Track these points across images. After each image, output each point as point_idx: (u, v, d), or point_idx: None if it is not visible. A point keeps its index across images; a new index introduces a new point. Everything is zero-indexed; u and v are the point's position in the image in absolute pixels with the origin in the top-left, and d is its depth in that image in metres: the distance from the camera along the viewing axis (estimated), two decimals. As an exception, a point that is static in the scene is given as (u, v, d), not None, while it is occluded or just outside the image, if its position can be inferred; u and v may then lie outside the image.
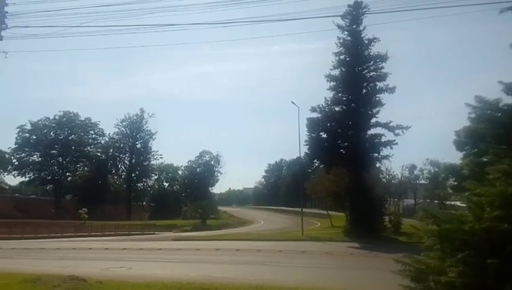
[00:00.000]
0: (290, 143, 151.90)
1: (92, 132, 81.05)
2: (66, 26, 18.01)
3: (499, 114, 4.04)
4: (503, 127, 3.99)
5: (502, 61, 71.44)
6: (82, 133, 79.40)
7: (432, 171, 59.10)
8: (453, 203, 30.21)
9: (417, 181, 63.00)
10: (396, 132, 30.45)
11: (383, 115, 31.21)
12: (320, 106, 32.09)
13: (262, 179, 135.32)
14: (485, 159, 4.43)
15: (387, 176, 52.53)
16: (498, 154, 3.98)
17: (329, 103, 32.19)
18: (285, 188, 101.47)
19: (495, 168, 3.88)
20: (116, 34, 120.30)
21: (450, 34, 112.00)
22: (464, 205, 4.39)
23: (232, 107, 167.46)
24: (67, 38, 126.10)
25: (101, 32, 42.45)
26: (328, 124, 31.96)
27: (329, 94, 32.19)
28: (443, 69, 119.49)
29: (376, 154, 31.64)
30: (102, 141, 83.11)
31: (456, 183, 24.80)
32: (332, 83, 31.93)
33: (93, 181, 76.16)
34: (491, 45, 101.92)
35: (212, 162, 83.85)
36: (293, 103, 35.39)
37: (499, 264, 3.36)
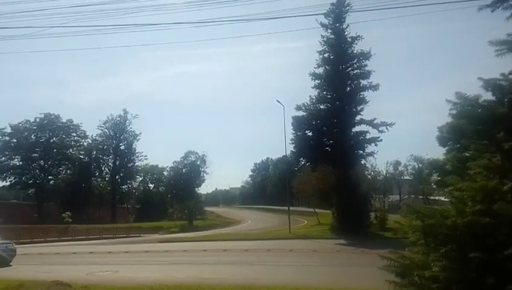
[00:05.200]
0: (276, 142, 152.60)
1: (74, 134, 79.39)
2: (44, 27, 17.68)
3: (479, 110, 4.11)
4: (483, 123, 4.06)
5: (481, 58, 72.79)
6: (64, 136, 77.67)
7: (416, 167, 60.07)
8: (437, 198, 30.70)
9: (402, 177, 63.97)
10: (380, 128, 30.82)
11: (367, 112, 31.62)
12: (305, 104, 32.29)
13: (249, 179, 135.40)
14: (466, 155, 4.50)
15: (372, 173, 53.33)
16: (479, 149, 4.05)
17: (314, 101, 32.39)
18: (272, 187, 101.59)
19: (476, 164, 3.94)
20: (96, 34, 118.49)
21: (431, 31, 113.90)
22: (447, 200, 4.46)
23: (216, 108, 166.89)
24: (47, 39, 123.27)
25: (81, 33, 41.81)
26: (314, 122, 32.15)
27: (314, 92, 32.46)
28: (425, 66, 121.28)
29: (361, 152, 32.00)
30: (85, 143, 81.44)
31: (439, 178, 25.29)
32: (316, 81, 32.16)
33: (76, 184, 74.70)
34: (471, 41, 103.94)
35: (198, 163, 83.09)
36: (278, 101, 35.48)
37: (480, 258, 3.41)
